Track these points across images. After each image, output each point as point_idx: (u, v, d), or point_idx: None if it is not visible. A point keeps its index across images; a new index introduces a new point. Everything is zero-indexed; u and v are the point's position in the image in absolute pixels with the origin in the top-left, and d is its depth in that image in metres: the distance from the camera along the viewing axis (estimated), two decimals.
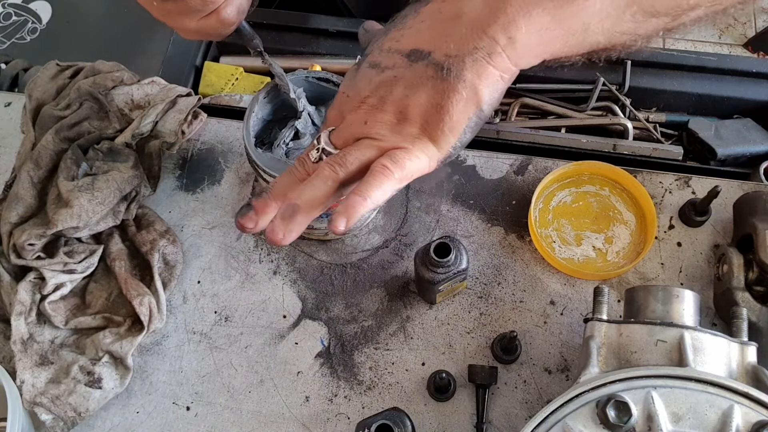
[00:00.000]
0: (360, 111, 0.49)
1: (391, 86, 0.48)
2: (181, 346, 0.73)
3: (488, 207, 0.78)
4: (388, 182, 0.47)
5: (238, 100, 0.90)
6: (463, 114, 0.47)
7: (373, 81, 0.49)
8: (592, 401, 0.52)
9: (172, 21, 0.58)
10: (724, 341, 0.56)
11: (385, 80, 0.49)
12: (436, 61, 0.47)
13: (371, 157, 0.48)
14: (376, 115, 0.48)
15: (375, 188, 0.47)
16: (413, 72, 0.47)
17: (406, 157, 0.48)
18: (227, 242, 0.78)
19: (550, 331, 0.71)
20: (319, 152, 0.50)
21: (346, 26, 0.97)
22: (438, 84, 0.46)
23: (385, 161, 0.47)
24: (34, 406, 0.67)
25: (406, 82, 0.48)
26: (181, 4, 0.55)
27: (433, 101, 0.47)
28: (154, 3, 0.54)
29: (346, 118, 0.50)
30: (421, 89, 0.47)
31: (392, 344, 0.72)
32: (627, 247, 0.74)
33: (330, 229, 0.47)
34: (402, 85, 0.48)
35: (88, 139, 0.76)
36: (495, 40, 0.46)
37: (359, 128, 0.49)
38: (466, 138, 0.49)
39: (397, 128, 0.48)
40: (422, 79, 0.47)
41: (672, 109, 0.96)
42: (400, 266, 0.76)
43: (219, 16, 0.57)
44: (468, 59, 0.46)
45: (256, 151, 0.64)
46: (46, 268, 0.70)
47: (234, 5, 0.57)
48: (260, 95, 0.67)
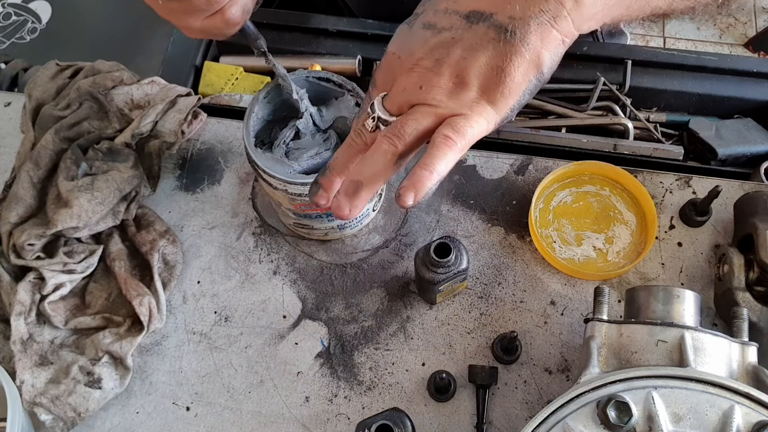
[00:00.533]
0: (413, 74, 0.47)
1: (448, 48, 0.47)
2: (181, 347, 0.73)
3: (488, 207, 0.78)
4: (452, 153, 0.46)
5: (238, 100, 0.90)
6: (524, 77, 0.46)
7: (428, 42, 0.47)
8: (592, 401, 0.52)
9: (176, 20, 0.58)
10: (725, 341, 0.56)
11: (442, 42, 0.47)
12: (499, 23, 0.45)
13: (429, 126, 0.47)
14: (432, 80, 0.47)
15: (439, 160, 0.46)
16: (473, 34, 0.46)
17: (466, 124, 0.46)
18: (227, 242, 0.78)
19: (551, 331, 0.71)
20: (374, 121, 0.49)
21: (347, 26, 0.97)
22: (499, 47, 0.45)
23: (447, 131, 0.46)
24: (34, 407, 0.66)
25: (464, 44, 0.46)
26: (185, 4, 0.55)
27: (494, 64, 0.46)
28: (159, 1, 0.54)
29: (398, 81, 0.49)
30: (481, 52, 0.46)
31: (392, 344, 0.72)
32: (627, 247, 0.74)
33: (398, 203, 0.47)
34: (460, 47, 0.46)
35: (87, 139, 0.76)
36: (561, 3, 0.45)
37: (414, 94, 0.47)
38: (524, 100, 0.48)
39: (454, 93, 0.47)
40: (483, 41, 0.46)
41: (672, 109, 0.96)
42: (400, 266, 0.76)
43: (224, 15, 0.57)
44: (533, 22, 0.45)
45: (256, 151, 0.64)
46: (45, 268, 0.70)
47: (239, 5, 0.57)
48: (260, 95, 0.67)
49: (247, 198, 0.80)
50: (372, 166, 0.48)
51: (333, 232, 0.74)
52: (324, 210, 0.67)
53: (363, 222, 0.76)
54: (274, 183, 0.64)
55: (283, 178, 0.63)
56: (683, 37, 2.15)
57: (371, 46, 0.96)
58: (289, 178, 0.63)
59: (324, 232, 0.74)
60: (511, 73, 0.46)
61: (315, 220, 0.70)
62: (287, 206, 0.68)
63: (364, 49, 0.96)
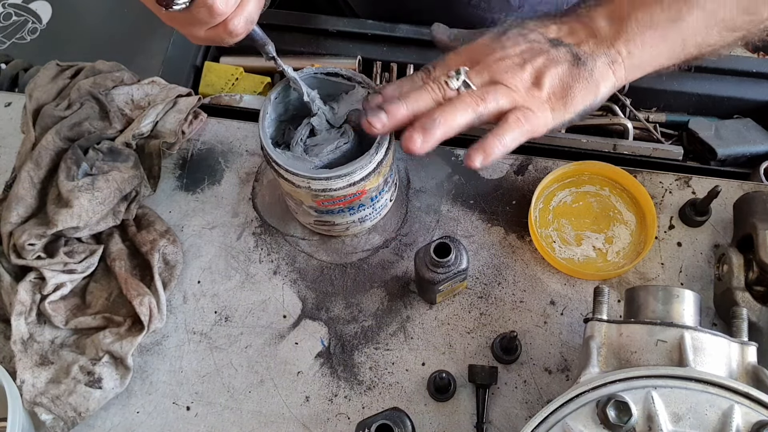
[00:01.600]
0: (503, 63, 0.57)
1: (535, 54, 0.57)
2: (181, 346, 0.73)
3: (488, 207, 0.78)
4: (520, 132, 0.55)
5: (238, 100, 0.90)
6: (583, 99, 0.58)
7: (520, 44, 0.58)
8: (592, 401, 0.52)
9: (180, 29, 0.59)
10: (725, 341, 0.56)
11: (532, 48, 0.58)
12: (576, 52, 0.58)
13: (504, 106, 0.56)
14: (517, 71, 0.57)
15: (509, 134, 0.55)
16: (556, 51, 0.58)
17: (533, 117, 0.56)
18: (227, 242, 0.78)
19: (551, 331, 0.71)
20: (460, 82, 0.57)
21: (347, 26, 0.97)
22: (572, 68, 0.57)
23: (519, 114, 0.55)
24: (34, 406, 0.67)
25: (549, 56, 0.57)
26: (188, 15, 0.55)
27: (565, 80, 0.57)
28: (163, 11, 0.54)
29: (484, 61, 0.58)
30: (559, 66, 0.57)
31: (392, 344, 0.72)
32: (627, 247, 0.74)
33: (467, 163, 0.54)
34: (545, 57, 0.57)
35: (88, 139, 0.76)
36: (619, 52, 0.58)
37: (499, 75, 0.57)
38: (575, 118, 0.59)
39: (530, 89, 0.57)
40: (562, 60, 0.57)
41: (672, 109, 0.96)
42: (400, 266, 0.76)
43: (227, 27, 0.57)
44: (599, 60, 0.58)
45: (275, 151, 0.64)
46: (46, 268, 0.70)
47: (242, 16, 0.57)
48: (272, 96, 0.67)
49: (248, 198, 0.80)
50: (455, 113, 0.55)
51: (354, 226, 0.74)
52: (346, 204, 0.68)
53: (381, 213, 0.75)
54: (297, 181, 0.64)
55: (306, 175, 0.63)
56: None
57: (371, 46, 0.96)
58: (311, 173, 0.63)
59: (345, 227, 0.74)
60: (575, 92, 0.57)
61: (337, 216, 0.70)
62: (309, 204, 0.68)
63: (364, 49, 0.96)
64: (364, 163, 0.63)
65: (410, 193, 0.79)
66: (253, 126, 0.85)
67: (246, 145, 0.84)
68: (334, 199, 0.66)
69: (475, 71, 0.58)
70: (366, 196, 0.68)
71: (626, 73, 0.59)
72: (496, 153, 0.55)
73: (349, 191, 0.65)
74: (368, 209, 0.72)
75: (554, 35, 0.60)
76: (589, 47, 0.58)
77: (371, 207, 0.72)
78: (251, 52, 0.65)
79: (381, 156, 0.64)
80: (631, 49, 0.59)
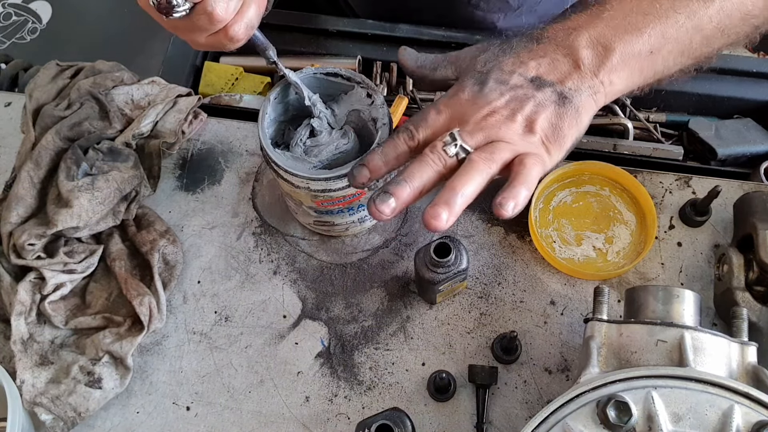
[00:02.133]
0: (492, 119, 0.57)
1: (521, 103, 0.58)
2: (181, 346, 0.73)
3: (488, 207, 0.78)
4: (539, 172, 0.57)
5: (238, 100, 0.90)
6: (570, 134, 0.59)
7: (504, 94, 0.58)
8: (592, 401, 0.52)
9: (182, 35, 0.59)
10: (725, 341, 0.56)
11: (516, 96, 0.58)
12: (560, 91, 0.58)
13: (509, 158, 0.57)
14: (510, 125, 0.57)
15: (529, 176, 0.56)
16: (542, 95, 0.58)
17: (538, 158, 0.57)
18: (227, 242, 0.78)
19: (551, 331, 0.71)
20: (457, 148, 0.57)
21: (346, 26, 0.97)
22: (559, 108, 0.58)
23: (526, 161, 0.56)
24: (34, 406, 0.67)
25: (535, 101, 0.58)
26: (189, 22, 0.56)
27: (554, 121, 0.58)
28: (164, 18, 0.55)
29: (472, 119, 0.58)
30: (546, 109, 0.58)
31: (392, 344, 0.72)
32: (627, 247, 0.74)
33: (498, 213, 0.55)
34: (532, 103, 0.58)
35: (88, 139, 0.76)
36: (602, 82, 0.59)
37: (494, 132, 0.57)
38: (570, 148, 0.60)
39: (524, 137, 0.57)
40: (548, 102, 0.58)
41: (672, 109, 0.96)
42: (400, 266, 0.76)
43: (227, 33, 0.57)
44: (583, 94, 0.59)
45: (275, 152, 0.64)
46: (46, 268, 0.70)
47: (242, 22, 0.58)
48: (271, 96, 0.67)
49: (247, 198, 0.80)
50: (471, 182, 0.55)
51: (354, 226, 0.74)
52: (345, 205, 0.68)
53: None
54: (296, 181, 0.64)
55: (306, 175, 0.63)
56: None
57: (371, 46, 0.96)
58: (311, 174, 0.63)
59: (345, 228, 0.74)
60: (564, 131, 0.58)
61: (336, 216, 0.70)
62: (309, 204, 0.68)
63: (364, 49, 0.96)
64: None
65: None
66: (253, 126, 0.85)
67: (246, 145, 0.84)
68: (333, 199, 0.66)
69: (467, 132, 0.57)
70: (365, 196, 0.68)
71: (605, 99, 0.61)
72: (521, 197, 0.55)
73: (349, 192, 0.65)
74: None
75: (534, 73, 0.59)
76: (573, 83, 0.59)
77: None
78: (251, 52, 0.65)
79: None
80: (612, 79, 0.60)
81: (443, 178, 0.57)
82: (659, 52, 0.60)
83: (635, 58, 0.60)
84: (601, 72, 0.59)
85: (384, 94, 0.89)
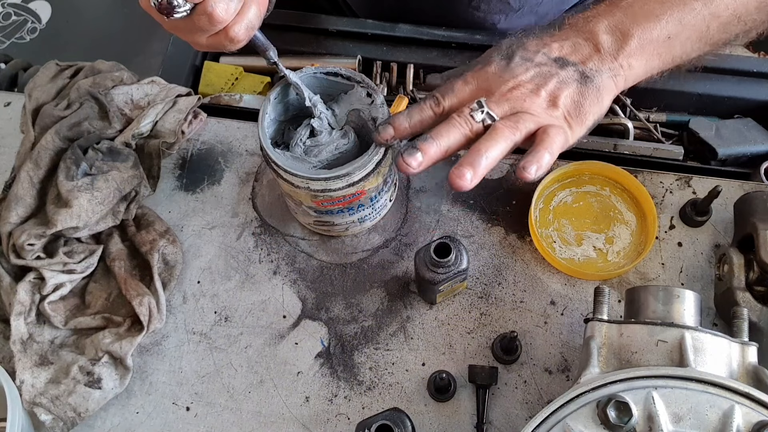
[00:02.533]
0: (517, 91, 0.61)
1: (546, 79, 0.61)
2: (180, 347, 0.73)
3: (488, 207, 0.78)
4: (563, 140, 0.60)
5: (238, 99, 0.90)
6: (592, 113, 0.62)
7: (529, 71, 0.61)
8: (592, 401, 0.52)
9: (183, 36, 0.60)
10: (725, 341, 0.56)
11: (541, 73, 0.61)
12: (582, 71, 0.62)
13: (532, 129, 0.60)
14: (534, 98, 0.61)
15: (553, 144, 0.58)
16: (565, 73, 0.61)
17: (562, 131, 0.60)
18: (227, 242, 0.78)
19: (551, 331, 0.71)
20: (483, 114, 0.60)
21: (346, 26, 0.97)
22: (581, 87, 0.61)
23: (550, 131, 0.59)
24: (34, 407, 0.66)
25: (559, 78, 0.61)
26: (189, 23, 0.56)
27: (576, 98, 0.61)
28: (165, 19, 0.55)
29: (498, 91, 0.61)
30: (569, 87, 0.61)
31: (392, 344, 0.71)
32: (627, 247, 0.74)
33: (518, 175, 0.58)
34: (555, 80, 0.61)
35: (87, 139, 0.76)
36: (621, 65, 0.62)
37: (519, 103, 0.60)
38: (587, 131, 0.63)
39: (548, 110, 0.61)
40: (571, 80, 0.61)
41: (672, 109, 0.96)
42: (400, 266, 0.75)
43: (228, 34, 0.58)
44: (603, 75, 0.62)
45: (275, 152, 0.64)
46: (45, 268, 0.70)
47: (242, 23, 0.58)
48: (271, 96, 0.67)
49: (247, 198, 0.80)
50: (496, 146, 0.58)
51: (354, 226, 0.74)
52: (345, 204, 0.68)
53: (381, 213, 0.75)
54: (296, 181, 0.64)
55: (305, 175, 0.63)
56: None
57: (371, 46, 0.96)
58: (310, 174, 0.63)
59: (345, 228, 0.74)
60: (585, 108, 0.61)
61: (336, 216, 0.70)
62: (309, 204, 0.68)
63: (364, 49, 0.96)
64: (363, 164, 0.63)
65: (410, 193, 0.79)
66: (252, 126, 0.85)
67: (246, 145, 0.84)
68: (333, 199, 0.66)
69: (493, 102, 0.60)
70: (365, 196, 0.68)
71: (625, 83, 0.64)
72: (548, 163, 0.58)
73: (349, 192, 0.65)
74: (368, 209, 0.72)
75: (557, 54, 0.62)
76: (594, 64, 0.62)
77: (371, 207, 0.72)
78: (251, 52, 0.65)
79: (380, 156, 0.64)
80: (632, 62, 0.63)
81: (468, 142, 0.60)
82: (677, 37, 0.63)
83: (653, 44, 0.63)
84: (620, 56, 0.62)
85: (384, 94, 0.88)
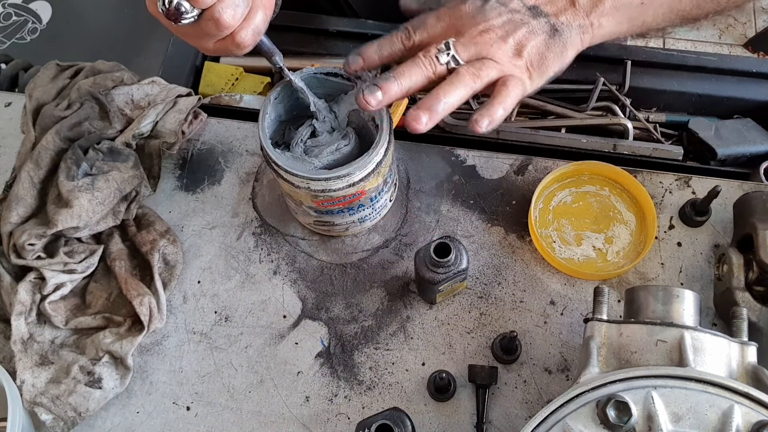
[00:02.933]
0: (487, 35, 0.62)
1: (516, 26, 0.62)
2: (181, 346, 0.73)
3: (488, 207, 0.78)
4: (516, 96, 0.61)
5: (238, 100, 0.90)
6: (554, 66, 0.63)
7: (502, 15, 0.62)
8: (592, 401, 0.52)
9: (190, 41, 0.60)
10: (725, 341, 0.56)
11: (513, 20, 0.62)
12: (553, 23, 0.63)
13: (493, 77, 0.61)
14: (501, 45, 0.62)
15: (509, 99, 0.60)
16: (537, 23, 0.62)
17: (521, 83, 0.62)
18: (227, 242, 0.78)
19: (550, 331, 0.71)
20: (449, 57, 0.60)
21: (347, 26, 0.97)
22: (549, 39, 0.62)
23: (511, 81, 0.61)
24: (34, 406, 0.67)
25: (529, 28, 0.62)
26: (197, 29, 0.56)
27: (541, 50, 0.62)
28: (174, 25, 0.56)
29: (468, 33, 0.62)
30: (537, 38, 0.62)
31: (392, 344, 0.72)
32: (627, 247, 0.74)
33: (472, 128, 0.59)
34: (525, 29, 0.62)
35: (88, 139, 0.76)
36: (591, 23, 0.64)
37: (485, 49, 0.61)
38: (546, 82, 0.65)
39: (512, 59, 0.62)
40: (540, 31, 0.62)
41: (672, 109, 0.96)
42: (400, 266, 0.76)
43: (234, 40, 0.58)
44: (572, 30, 0.63)
45: (275, 152, 0.64)
46: (46, 268, 0.70)
47: (249, 29, 0.58)
48: (272, 96, 0.67)
49: (247, 198, 0.80)
50: (454, 91, 0.59)
51: (354, 226, 0.74)
52: (345, 205, 0.68)
53: (381, 213, 0.76)
54: (296, 181, 0.64)
55: (305, 175, 0.63)
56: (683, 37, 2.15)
57: None
58: (311, 174, 0.63)
59: (345, 227, 0.74)
60: (548, 61, 0.63)
61: (336, 216, 0.71)
62: (309, 204, 0.68)
63: None
64: (363, 164, 0.63)
65: (410, 193, 0.79)
66: (253, 126, 0.85)
67: (246, 145, 0.84)
68: (333, 199, 0.66)
69: (461, 44, 0.61)
70: (365, 196, 0.68)
71: (591, 41, 0.65)
72: (501, 118, 0.59)
73: (349, 192, 0.65)
74: (368, 209, 0.72)
75: (533, 2, 0.63)
76: (566, 17, 0.63)
77: (371, 207, 0.72)
78: (251, 52, 0.65)
79: (380, 156, 0.64)
80: (602, 21, 0.64)
81: (431, 84, 0.61)
82: (650, 4, 0.65)
83: (626, 7, 0.64)
84: (592, 13, 0.63)
85: None
